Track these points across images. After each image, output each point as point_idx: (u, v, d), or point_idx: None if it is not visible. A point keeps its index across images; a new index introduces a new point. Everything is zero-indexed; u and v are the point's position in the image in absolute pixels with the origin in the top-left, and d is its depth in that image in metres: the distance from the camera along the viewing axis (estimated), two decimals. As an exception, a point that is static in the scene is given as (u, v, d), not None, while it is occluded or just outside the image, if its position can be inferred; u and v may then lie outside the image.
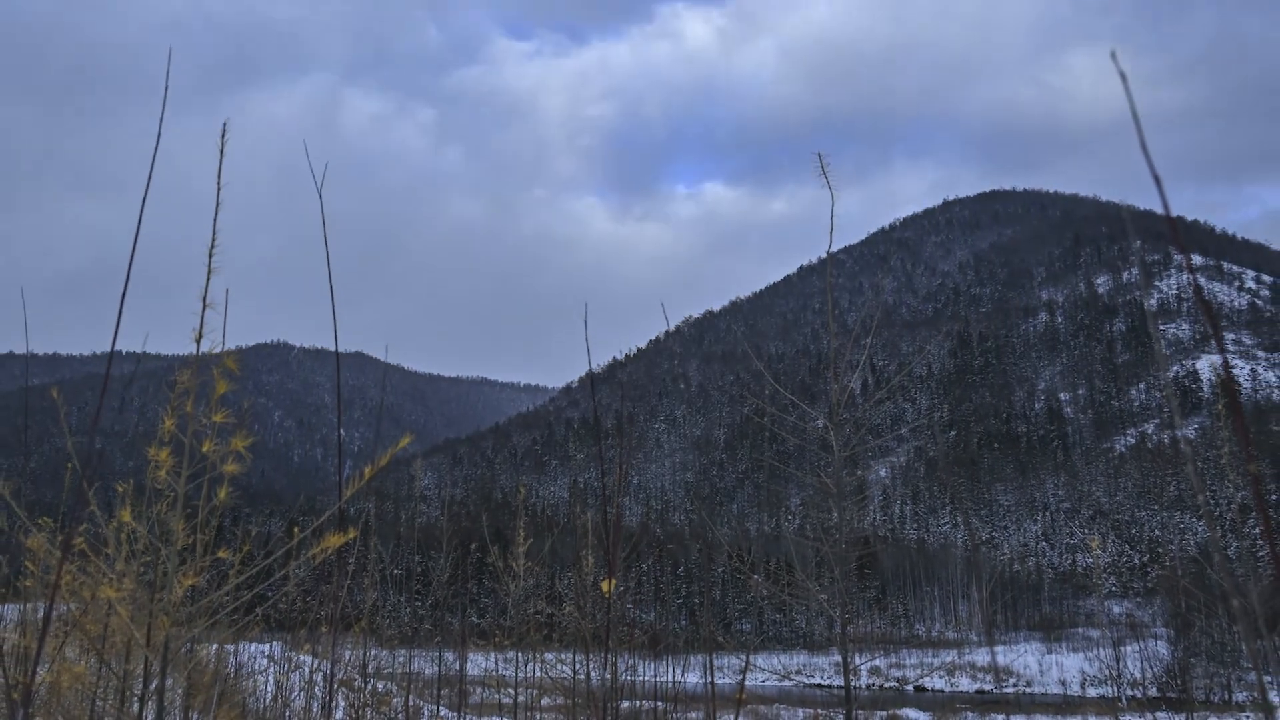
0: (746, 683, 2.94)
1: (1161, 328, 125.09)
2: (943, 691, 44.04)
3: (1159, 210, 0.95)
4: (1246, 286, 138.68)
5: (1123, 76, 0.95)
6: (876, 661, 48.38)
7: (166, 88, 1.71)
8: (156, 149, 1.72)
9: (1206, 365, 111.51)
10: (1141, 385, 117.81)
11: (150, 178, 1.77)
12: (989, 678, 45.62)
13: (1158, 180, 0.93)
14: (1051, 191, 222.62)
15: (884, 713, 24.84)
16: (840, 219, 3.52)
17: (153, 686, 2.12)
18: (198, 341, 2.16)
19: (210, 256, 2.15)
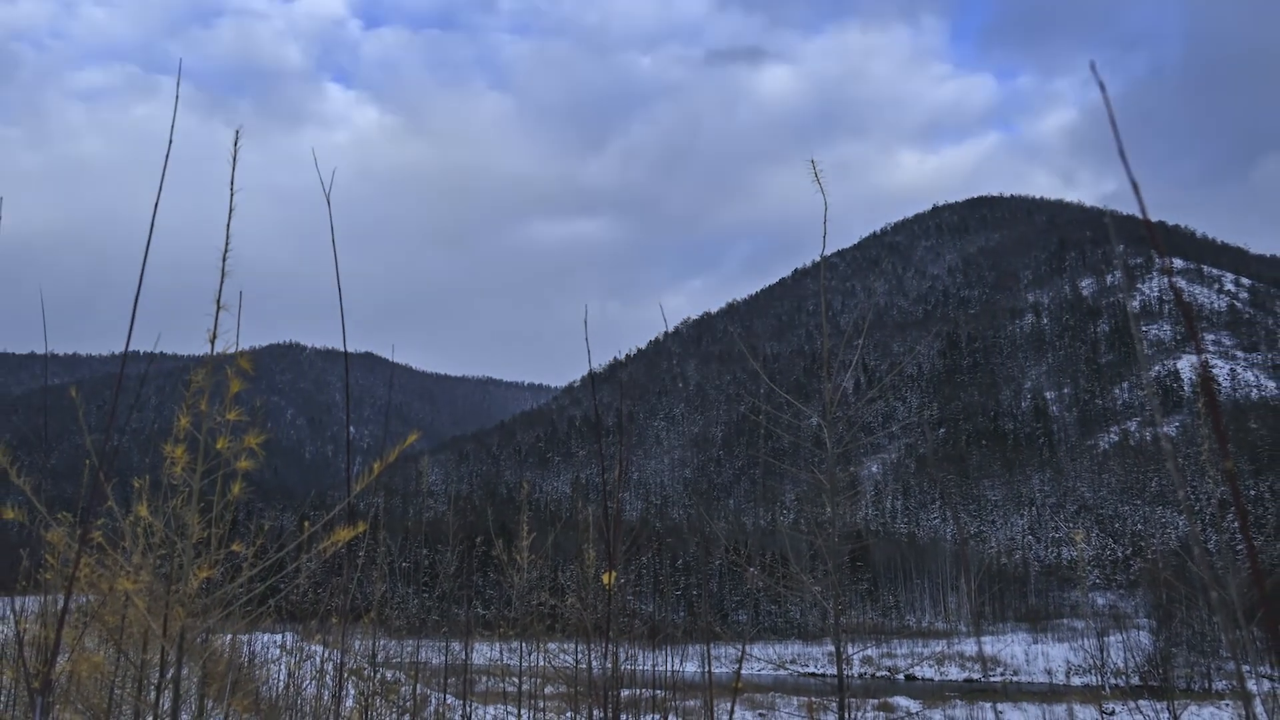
0: (743, 672, 3.03)
1: (1143, 329, 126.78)
2: (932, 680, 44.63)
3: (1141, 215, 1.02)
4: (1226, 289, 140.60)
5: (1101, 86, 1.02)
6: (869, 651, 48.92)
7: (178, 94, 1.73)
8: (165, 159, 1.76)
9: (1187, 365, 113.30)
10: (1124, 384, 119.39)
11: (160, 184, 1.82)
12: (977, 667, 46.23)
13: (1135, 187, 0.99)
14: (1037, 197, 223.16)
15: (876, 700, 25.19)
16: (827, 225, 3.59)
17: (169, 675, 2.17)
18: (212, 342, 2.20)
19: (224, 260, 2.19)
